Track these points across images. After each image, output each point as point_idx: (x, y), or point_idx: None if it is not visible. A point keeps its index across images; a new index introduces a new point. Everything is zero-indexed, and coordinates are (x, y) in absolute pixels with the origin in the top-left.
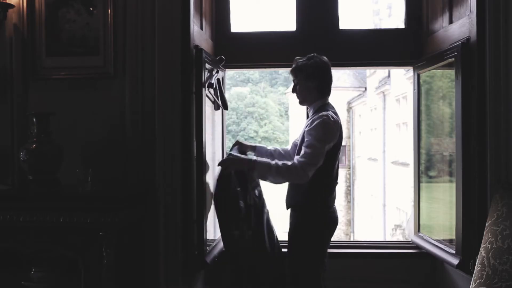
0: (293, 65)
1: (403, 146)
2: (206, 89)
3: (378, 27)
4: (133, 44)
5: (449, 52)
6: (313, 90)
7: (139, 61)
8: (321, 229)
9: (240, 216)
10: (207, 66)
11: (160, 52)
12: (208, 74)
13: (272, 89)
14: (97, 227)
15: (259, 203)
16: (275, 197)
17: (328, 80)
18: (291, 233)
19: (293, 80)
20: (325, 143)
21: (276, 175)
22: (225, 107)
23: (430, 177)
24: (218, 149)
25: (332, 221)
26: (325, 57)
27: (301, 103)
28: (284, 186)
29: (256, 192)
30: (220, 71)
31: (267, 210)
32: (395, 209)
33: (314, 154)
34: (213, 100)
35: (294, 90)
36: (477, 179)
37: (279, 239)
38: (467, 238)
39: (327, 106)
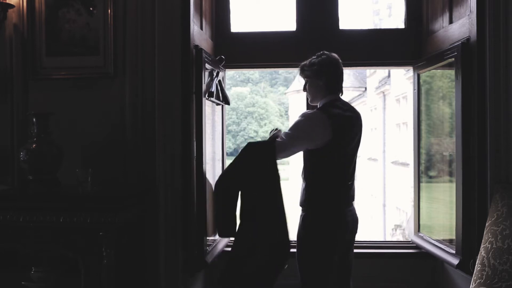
0: (302, 64)
1: (403, 146)
2: (207, 98)
3: (378, 27)
4: (133, 44)
5: (449, 52)
6: (322, 87)
7: (139, 61)
8: (322, 231)
9: None
10: (207, 66)
11: (160, 52)
12: (209, 78)
13: (272, 89)
14: (97, 227)
15: None
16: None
17: (337, 77)
18: (297, 232)
19: (304, 79)
20: (293, 139)
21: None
22: (226, 102)
23: (430, 177)
24: (218, 149)
25: (339, 224)
26: (334, 54)
27: (311, 101)
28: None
29: None
30: (220, 72)
31: None
32: (395, 209)
33: (279, 147)
34: (216, 104)
35: (304, 89)
36: (477, 179)
37: None
38: (467, 238)
39: (332, 103)
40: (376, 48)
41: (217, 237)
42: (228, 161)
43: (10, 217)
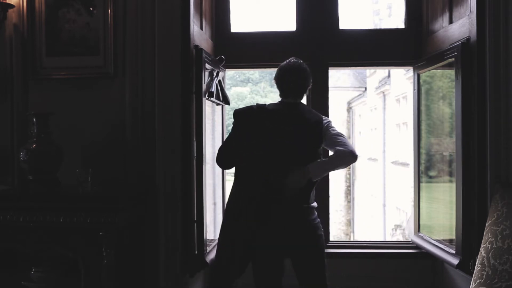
0: None
1: (403, 146)
2: (207, 98)
3: (378, 27)
4: (133, 44)
5: (449, 52)
6: (278, 89)
7: (139, 61)
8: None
9: None
10: (207, 66)
11: (160, 52)
12: (209, 78)
13: (272, 89)
14: (97, 227)
15: None
16: None
17: (283, 82)
18: None
19: None
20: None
21: None
22: (226, 102)
23: (430, 177)
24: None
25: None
26: (291, 60)
27: None
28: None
29: None
30: (220, 72)
31: None
32: (395, 209)
33: None
34: (216, 103)
35: None
36: (477, 179)
37: None
38: (467, 238)
39: (271, 103)
40: (376, 48)
41: (217, 237)
42: None
43: (10, 217)
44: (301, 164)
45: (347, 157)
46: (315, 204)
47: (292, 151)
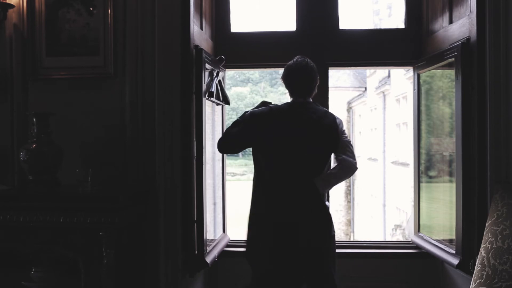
0: None
1: (403, 146)
2: (207, 98)
3: (378, 27)
4: (133, 44)
5: (449, 52)
6: (287, 89)
7: (139, 61)
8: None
9: None
10: (207, 66)
11: (160, 52)
12: (209, 78)
13: (272, 89)
14: (97, 227)
15: None
16: None
17: (291, 82)
18: None
19: None
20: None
21: None
22: (226, 102)
23: (430, 177)
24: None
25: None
26: (298, 59)
27: None
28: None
29: None
30: (220, 72)
31: None
32: (395, 209)
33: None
34: (216, 103)
35: None
36: (477, 179)
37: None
38: (467, 238)
39: (285, 103)
40: (376, 48)
41: (217, 237)
42: (228, 161)
43: (10, 217)
44: (313, 164)
45: (352, 168)
46: (328, 203)
47: (306, 152)
